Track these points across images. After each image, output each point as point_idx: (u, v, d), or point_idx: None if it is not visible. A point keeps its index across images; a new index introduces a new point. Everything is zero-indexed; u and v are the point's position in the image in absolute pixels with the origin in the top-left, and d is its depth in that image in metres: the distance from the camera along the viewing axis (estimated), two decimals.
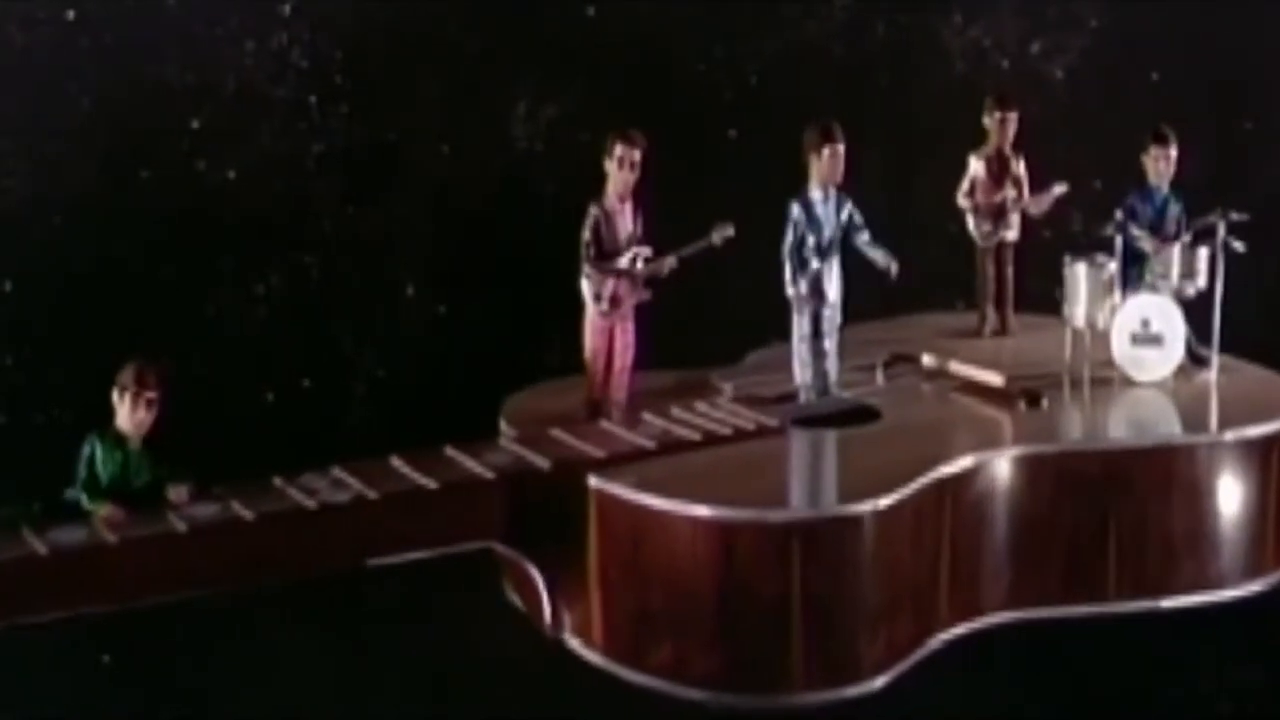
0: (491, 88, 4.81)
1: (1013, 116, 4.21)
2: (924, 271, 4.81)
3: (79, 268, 4.51)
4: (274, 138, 4.65)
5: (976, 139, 4.48)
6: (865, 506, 3.17)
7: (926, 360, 3.97)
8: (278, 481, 3.16)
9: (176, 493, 3.05)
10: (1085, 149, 4.96)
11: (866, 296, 4.70)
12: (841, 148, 3.65)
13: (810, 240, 3.64)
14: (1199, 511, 3.56)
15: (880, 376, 3.92)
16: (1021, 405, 3.71)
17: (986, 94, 4.32)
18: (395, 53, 4.71)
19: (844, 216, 3.67)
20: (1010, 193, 4.22)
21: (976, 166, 4.25)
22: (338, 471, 3.21)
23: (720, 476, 3.29)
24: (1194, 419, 3.72)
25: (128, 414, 3.07)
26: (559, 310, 4.82)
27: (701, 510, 3.13)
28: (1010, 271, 4.29)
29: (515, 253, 4.85)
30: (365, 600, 3.49)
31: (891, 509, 3.20)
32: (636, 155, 3.59)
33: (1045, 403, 3.71)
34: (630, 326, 3.63)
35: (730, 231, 3.65)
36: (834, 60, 5.09)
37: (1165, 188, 3.99)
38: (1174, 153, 3.97)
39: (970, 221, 4.28)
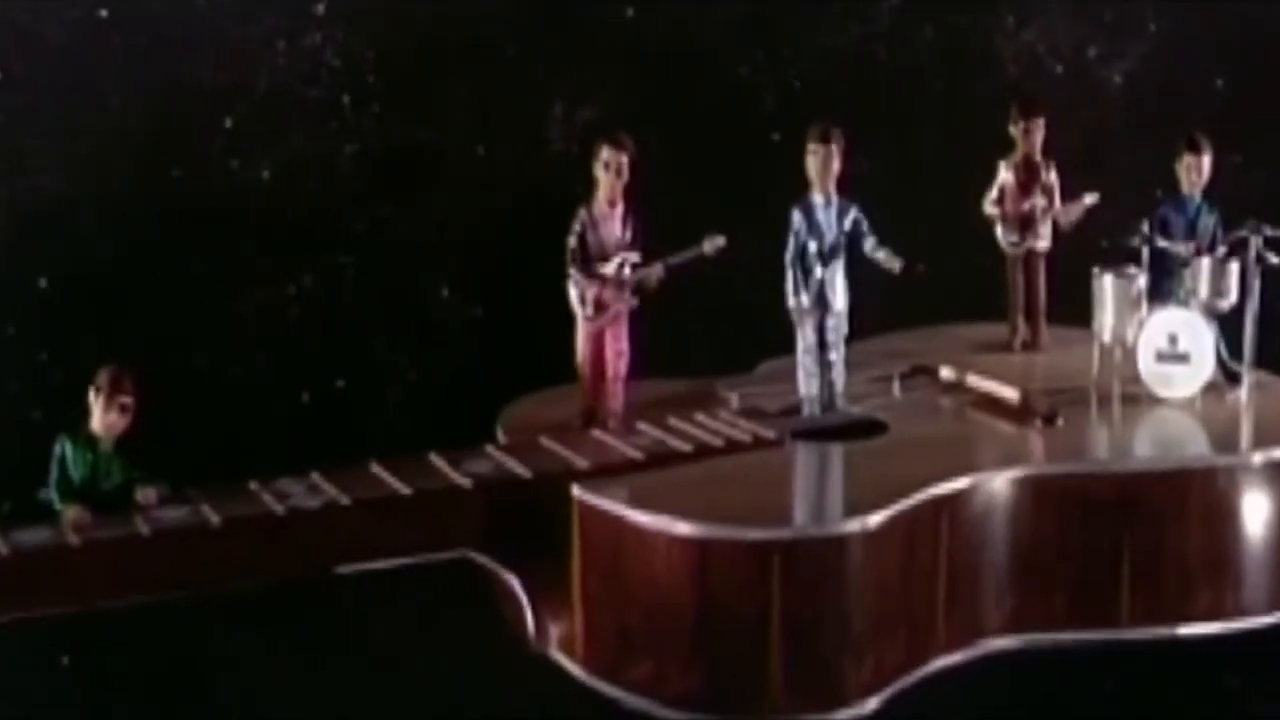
0: (527, 89, 4.75)
1: (1038, 124, 4.08)
2: (975, 280, 4.71)
3: (112, 266, 4.51)
4: (307, 138, 4.62)
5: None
6: (849, 525, 3.07)
7: (944, 373, 3.85)
8: (253, 485, 3.13)
9: (144, 495, 3.04)
10: (1145, 157, 4.81)
11: (913, 306, 4.61)
12: (834, 149, 3.55)
13: (812, 247, 3.54)
14: (1220, 537, 3.42)
15: (897, 389, 3.81)
16: (1036, 422, 3.58)
17: (1018, 100, 4.19)
18: (429, 53, 4.67)
19: (848, 224, 3.56)
20: (1039, 201, 4.09)
21: (1005, 174, 4.13)
22: (315, 477, 3.17)
23: (707, 490, 3.21)
24: (1219, 440, 3.57)
25: (100, 415, 3.07)
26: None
27: (678, 525, 3.05)
28: (1041, 283, 4.15)
29: (551, 255, 4.78)
30: (350, 606, 3.45)
31: (880, 528, 3.09)
32: (623, 160, 3.52)
33: (1061, 420, 3.58)
34: (623, 334, 3.56)
35: (721, 241, 3.56)
36: (881, 64, 4.96)
37: (1198, 197, 3.84)
38: (1207, 161, 3.82)
39: (999, 230, 4.15)
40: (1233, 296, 3.72)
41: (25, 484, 3.23)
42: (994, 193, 4.14)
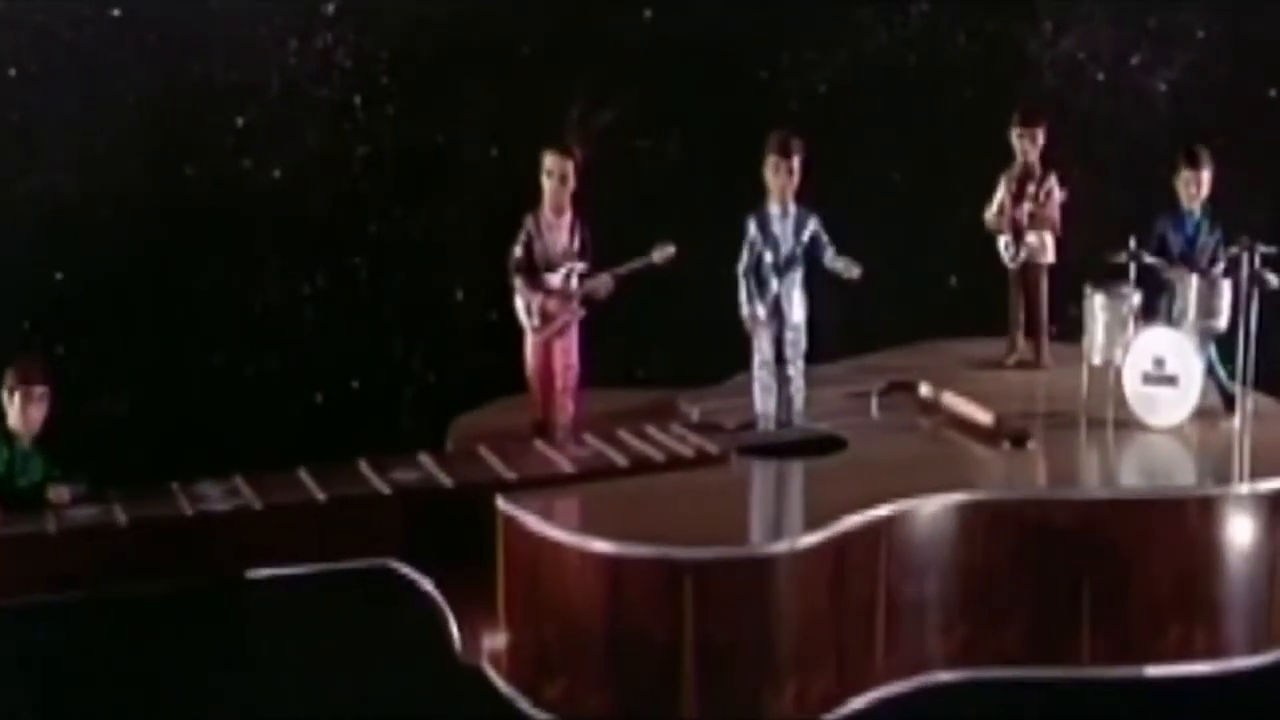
0: (543, 91, 4.68)
1: (1038, 133, 3.92)
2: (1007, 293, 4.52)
3: (127, 261, 4.56)
4: (319, 138, 4.62)
5: (1066, 157, 4.19)
6: (768, 547, 2.95)
7: (923, 391, 3.71)
8: (174, 486, 3.11)
9: (57, 493, 3.03)
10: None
11: (943, 318, 4.46)
12: (795, 161, 3.43)
13: (768, 258, 3.43)
14: (1191, 572, 3.23)
15: (874, 406, 3.68)
16: (1005, 445, 3.43)
17: (1020, 107, 4.03)
18: (442, 54, 4.63)
19: (806, 236, 3.44)
20: (1028, 208, 3.92)
21: (1004, 185, 3.97)
22: (238, 480, 3.14)
23: (634, 506, 3.12)
24: (1201, 469, 3.40)
25: (18, 414, 3.06)
26: (614, 319, 4.67)
27: (590, 541, 2.96)
28: (1043, 297, 3.98)
29: None
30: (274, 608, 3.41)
31: (805, 551, 2.97)
32: (568, 167, 3.44)
33: (1031, 444, 3.42)
34: (572, 346, 3.48)
35: (671, 250, 3.47)
36: (910, 71, 4.81)
37: (1198, 213, 3.64)
38: (1206, 175, 3.63)
39: (1000, 243, 3.99)
40: (1224, 317, 3.52)
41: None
42: (994, 205, 3.99)
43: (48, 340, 4.54)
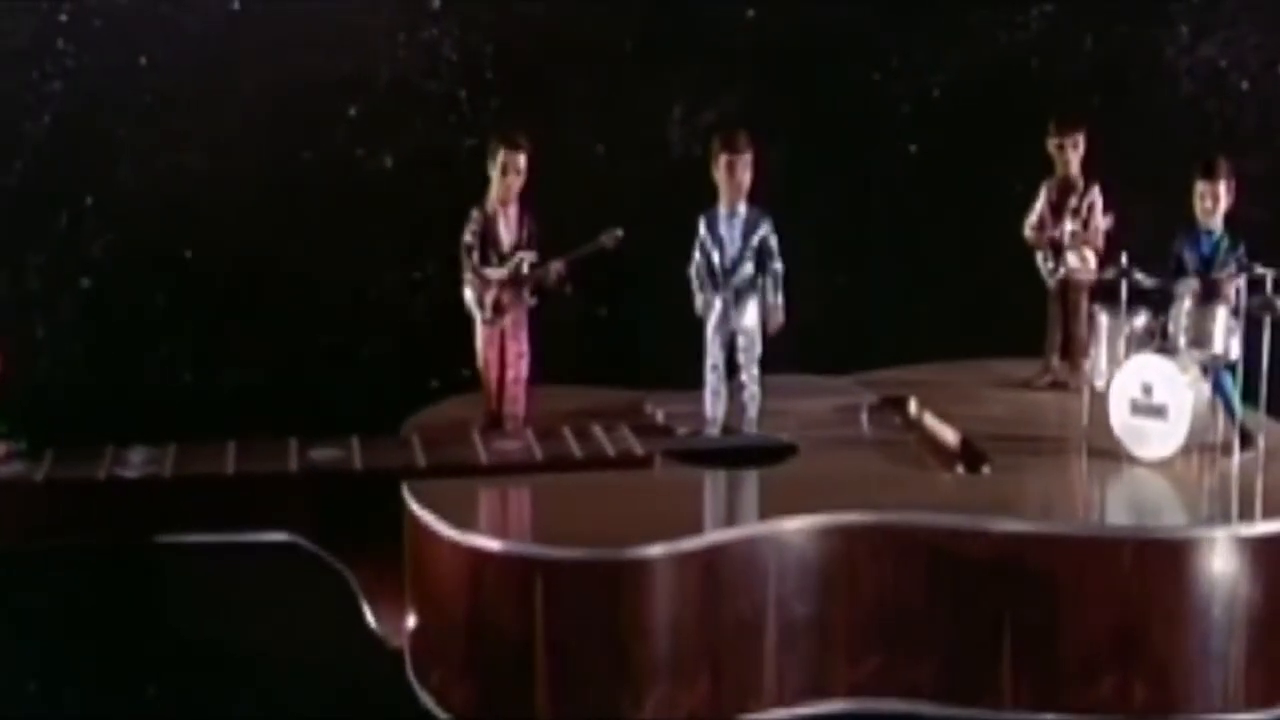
0: (646, 89, 4.66)
1: (1073, 141, 3.65)
2: None
3: (250, 242, 4.77)
4: (427, 130, 4.72)
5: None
6: (623, 552, 2.87)
7: (911, 409, 3.52)
8: (106, 450, 3.26)
9: None
10: None
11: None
12: (741, 159, 3.30)
13: (715, 260, 3.32)
14: (1129, 619, 2.97)
15: (865, 421, 3.52)
16: (959, 468, 3.22)
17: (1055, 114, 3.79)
18: (545, 49, 4.66)
19: (755, 240, 3.31)
20: (1069, 226, 3.66)
21: (1043, 197, 3.72)
22: (170, 448, 3.27)
23: (524, 502, 3.09)
24: (1171, 507, 3.12)
25: None
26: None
27: (458, 534, 2.95)
28: (1081, 316, 3.70)
29: (673, 258, 4.69)
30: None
31: (665, 559, 2.88)
32: (520, 160, 3.42)
33: (987, 469, 3.21)
34: (523, 335, 3.48)
35: (619, 234, 3.40)
36: (1032, 75, 4.56)
37: (1217, 230, 3.32)
38: (1223, 189, 3.31)
39: (1038, 258, 3.74)
40: (1220, 344, 3.20)
41: (175, 440, 3.49)
42: (1033, 216, 3.74)
43: (180, 315, 4.80)
